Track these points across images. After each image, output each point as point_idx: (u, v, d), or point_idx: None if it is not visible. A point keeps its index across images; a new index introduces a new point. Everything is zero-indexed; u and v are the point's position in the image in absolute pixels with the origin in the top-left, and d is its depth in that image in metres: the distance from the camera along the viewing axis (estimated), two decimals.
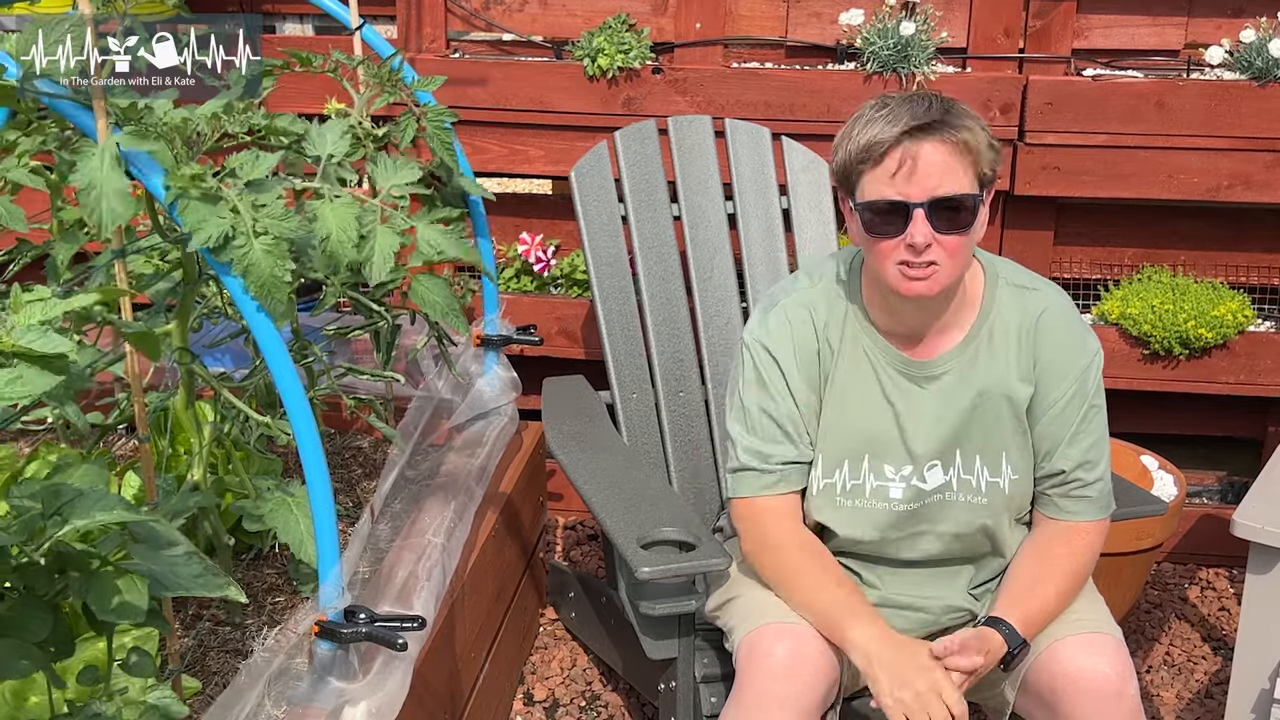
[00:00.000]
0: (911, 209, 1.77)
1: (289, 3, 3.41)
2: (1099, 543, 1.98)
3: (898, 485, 1.95)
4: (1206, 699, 2.74)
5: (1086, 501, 1.96)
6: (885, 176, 1.78)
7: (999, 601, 1.91)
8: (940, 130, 1.76)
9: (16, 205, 2.04)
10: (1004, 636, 1.85)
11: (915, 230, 1.77)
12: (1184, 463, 3.12)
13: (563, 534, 3.37)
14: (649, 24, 3.13)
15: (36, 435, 2.52)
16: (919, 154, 1.76)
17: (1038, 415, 1.94)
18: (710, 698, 2.08)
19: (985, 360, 1.93)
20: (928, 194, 1.77)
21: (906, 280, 1.81)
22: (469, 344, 2.76)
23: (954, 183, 1.77)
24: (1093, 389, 1.94)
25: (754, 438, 1.96)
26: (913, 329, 1.93)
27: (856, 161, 1.81)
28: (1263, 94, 2.90)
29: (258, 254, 1.55)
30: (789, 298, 1.99)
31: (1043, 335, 1.93)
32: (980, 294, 1.95)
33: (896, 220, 1.78)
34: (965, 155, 1.78)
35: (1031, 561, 1.95)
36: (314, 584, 1.79)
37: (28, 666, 1.35)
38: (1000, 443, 1.95)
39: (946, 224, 1.78)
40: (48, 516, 1.32)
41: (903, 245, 1.79)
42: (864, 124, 1.80)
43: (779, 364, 1.95)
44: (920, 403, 1.94)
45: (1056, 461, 1.94)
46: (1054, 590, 1.91)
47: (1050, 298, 1.96)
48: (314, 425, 1.66)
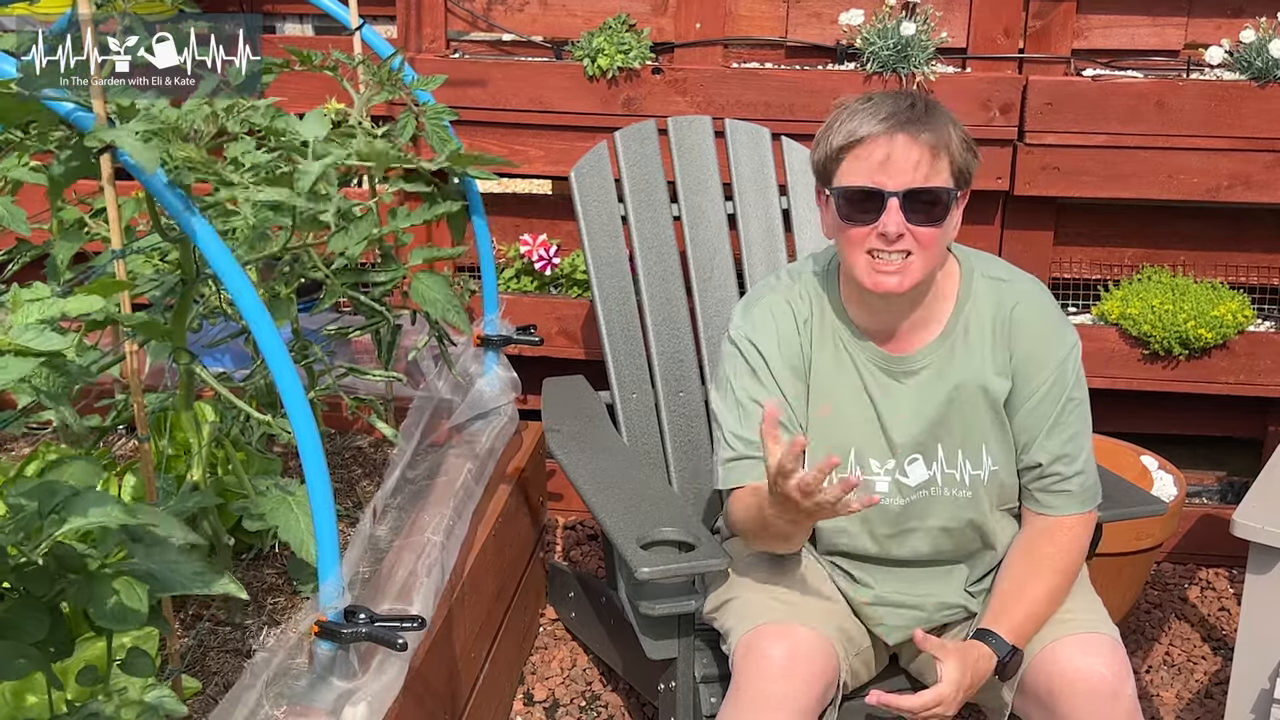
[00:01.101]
0: (886, 197, 1.80)
1: (289, 3, 3.41)
2: (1086, 537, 1.98)
3: (884, 480, 1.96)
4: (1206, 699, 2.74)
5: (1066, 496, 1.96)
6: (863, 165, 1.82)
7: (987, 611, 1.92)
8: (921, 125, 1.81)
9: (16, 206, 2.04)
10: (992, 647, 1.85)
11: (889, 219, 1.80)
12: (1184, 463, 3.12)
13: (563, 534, 3.38)
14: (649, 24, 3.13)
15: (38, 437, 2.52)
16: (897, 146, 1.80)
17: (1016, 407, 1.96)
18: (710, 698, 2.08)
19: (961, 354, 1.94)
20: (904, 185, 1.80)
21: (875, 274, 1.84)
22: (469, 344, 2.76)
23: (929, 176, 1.81)
24: (1071, 381, 1.95)
25: (745, 428, 1.96)
26: (888, 325, 1.94)
27: (837, 150, 1.84)
28: (1263, 94, 2.90)
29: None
30: (771, 293, 2.01)
31: (1017, 328, 1.94)
32: (956, 288, 1.96)
33: (871, 208, 1.82)
34: (943, 152, 1.82)
35: (1019, 564, 1.96)
36: (314, 584, 1.79)
37: (25, 667, 1.35)
38: (980, 435, 1.96)
39: (921, 216, 1.81)
40: (44, 516, 1.32)
41: (874, 234, 1.82)
42: (848, 114, 1.84)
43: (764, 356, 1.96)
44: (899, 398, 1.95)
45: (1034, 454, 1.95)
46: (1043, 591, 1.91)
47: (1025, 290, 1.97)
48: (314, 425, 1.66)
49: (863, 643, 2.00)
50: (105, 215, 2.07)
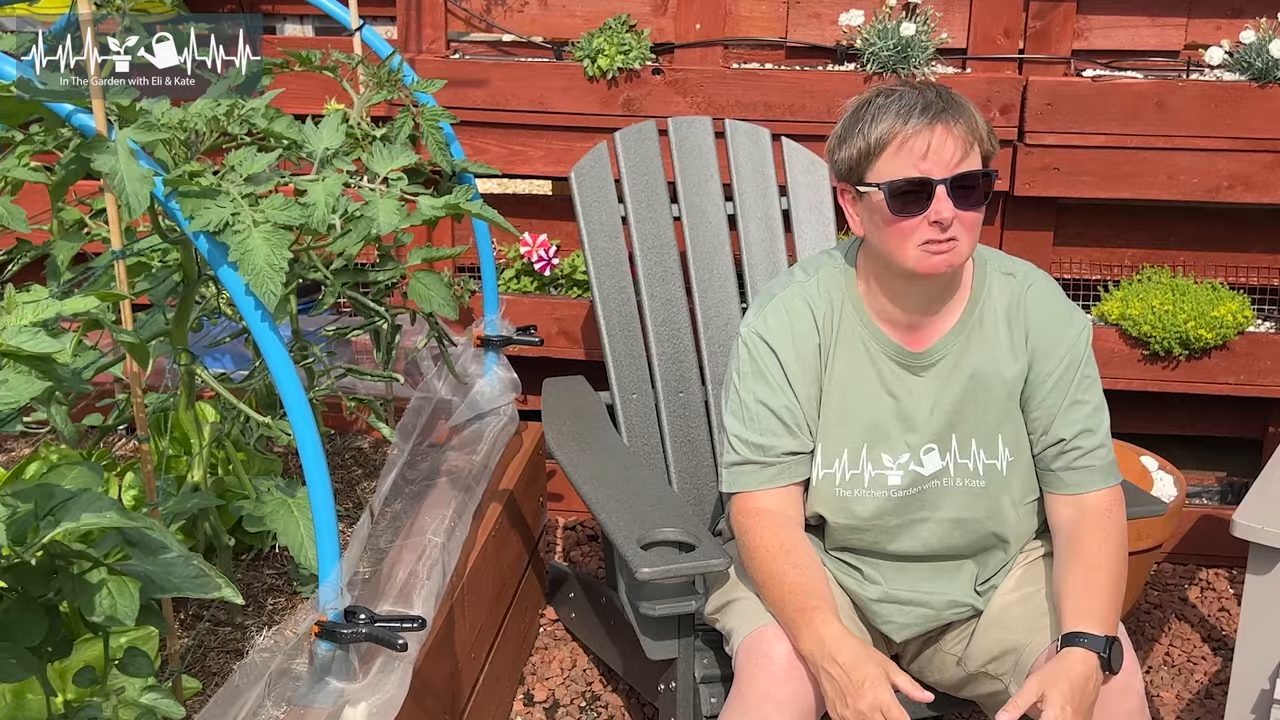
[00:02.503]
0: (934, 185, 1.82)
1: (289, 3, 3.41)
2: (1122, 512, 1.97)
3: (895, 473, 1.96)
4: (1206, 699, 2.74)
5: (1090, 471, 1.96)
6: (908, 158, 1.83)
7: (1065, 614, 1.86)
8: (954, 114, 1.84)
9: (16, 205, 2.04)
10: (1086, 646, 1.79)
11: (941, 206, 1.81)
12: (1184, 463, 3.12)
13: (563, 534, 3.38)
14: (649, 25, 3.13)
15: (38, 437, 2.52)
16: (936, 135, 1.82)
17: (1034, 387, 1.96)
18: (710, 698, 2.08)
19: (977, 344, 1.95)
20: (949, 171, 1.82)
21: (930, 257, 1.84)
22: (469, 344, 2.76)
23: (971, 160, 1.84)
24: (1085, 358, 1.97)
25: (751, 431, 1.96)
26: (913, 315, 1.95)
27: (874, 146, 1.85)
28: (1262, 95, 2.90)
29: (256, 241, 1.56)
30: (786, 291, 2.01)
31: (1031, 310, 1.97)
32: (971, 279, 1.98)
33: (920, 199, 1.82)
34: (974, 137, 1.85)
35: (1075, 558, 1.91)
36: (314, 585, 1.79)
37: (19, 669, 1.35)
38: (994, 424, 1.96)
39: (966, 201, 1.83)
40: (41, 518, 1.32)
41: (925, 223, 1.83)
42: (876, 111, 1.86)
43: (778, 356, 1.96)
44: (917, 391, 1.96)
45: (1056, 429, 1.95)
46: (1111, 573, 1.88)
47: (1036, 276, 2.01)
48: (314, 426, 1.66)
49: (865, 643, 2.00)
50: (105, 216, 2.07)
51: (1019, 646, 1.93)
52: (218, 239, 1.57)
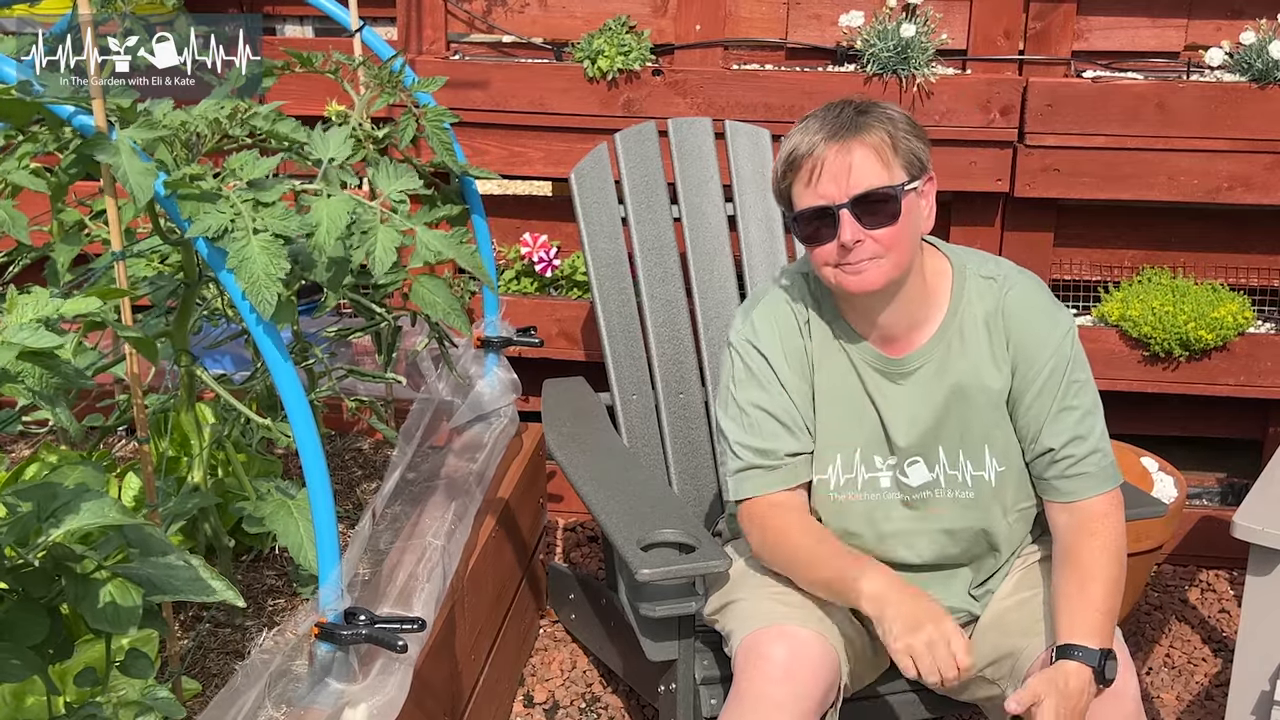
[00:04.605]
0: (836, 210, 1.83)
1: (289, 4, 3.41)
2: (1120, 518, 1.94)
3: (886, 475, 1.97)
4: (1207, 700, 2.74)
5: (1084, 478, 1.93)
6: (807, 185, 1.85)
7: (1059, 626, 1.85)
8: (849, 131, 1.83)
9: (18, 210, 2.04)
10: (1080, 659, 1.79)
11: (843, 230, 1.82)
12: (1184, 464, 3.12)
13: (563, 536, 3.37)
14: (649, 26, 3.13)
15: (38, 438, 2.52)
16: (831, 158, 1.83)
17: (1020, 395, 1.94)
18: (710, 699, 2.08)
19: (958, 353, 1.94)
20: (848, 194, 1.82)
21: (846, 277, 1.86)
22: (469, 346, 2.76)
23: (872, 178, 1.83)
24: (1071, 362, 1.94)
25: (753, 436, 1.96)
26: (884, 327, 1.94)
27: (782, 176, 1.89)
28: (1263, 96, 2.90)
29: (254, 249, 1.56)
30: (769, 296, 2.02)
31: (1011, 316, 1.94)
32: (949, 288, 1.96)
33: (827, 224, 1.84)
34: (881, 150, 1.83)
35: (1070, 567, 1.90)
36: (314, 586, 1.79)
37: (21, 670, 1.35)
38: (981, 435, 1.96)
39: (874, 219, 1.83)
40: (43, 519, 1.32)
41: (836, 247, 1.84)
42: (786, 140, 1.89)
43: (768, 360, 1.97)
44: (897, 399, 1.96)
45: (1045, 439, 1.93)
46: (1105, 585, 1.87)
47: (1015, 279, 1.98)
48: (314, 428, 1.66)
49: (864, 645, 2.00)
50: (105, 217, 2.07)
51: (1016, 651, 1.93)
52: (216, 245, 1.57)
